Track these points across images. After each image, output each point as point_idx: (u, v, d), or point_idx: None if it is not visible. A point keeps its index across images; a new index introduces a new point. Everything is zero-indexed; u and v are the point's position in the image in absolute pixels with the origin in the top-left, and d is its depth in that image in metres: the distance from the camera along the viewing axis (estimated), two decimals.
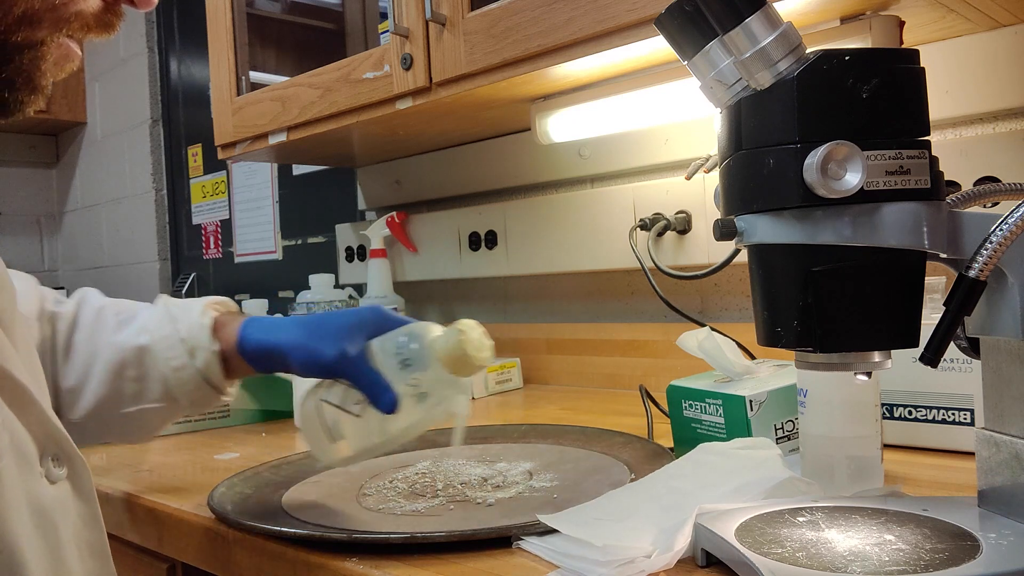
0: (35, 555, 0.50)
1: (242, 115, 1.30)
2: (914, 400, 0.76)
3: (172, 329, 0.70)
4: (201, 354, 0.70)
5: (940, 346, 0.47)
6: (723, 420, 0.75)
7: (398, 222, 1.53)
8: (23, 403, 0.52)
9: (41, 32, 0.49)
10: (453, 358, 0.63)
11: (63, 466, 0.55)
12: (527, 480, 0.74)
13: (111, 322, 0.72)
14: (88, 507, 0.57)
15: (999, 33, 0.88)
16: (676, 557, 0.51)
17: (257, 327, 0.71)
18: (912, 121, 0.47)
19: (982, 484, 0.52)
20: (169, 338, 0.70)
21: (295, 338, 0.68)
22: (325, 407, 0.67)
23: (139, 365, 0.70)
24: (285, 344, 0.69)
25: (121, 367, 0.70)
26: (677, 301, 1.12)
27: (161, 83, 2.36)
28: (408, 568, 0.55)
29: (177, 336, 0.70)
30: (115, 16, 0.53)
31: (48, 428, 0.54)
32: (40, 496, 0.52)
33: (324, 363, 0.66)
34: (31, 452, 0.52)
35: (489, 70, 0.97)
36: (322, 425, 0.67)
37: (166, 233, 2.38)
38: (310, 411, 0.68)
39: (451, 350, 0.63)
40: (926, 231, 0.47)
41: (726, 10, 0.47)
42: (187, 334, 0.70)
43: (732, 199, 0.52)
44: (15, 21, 0.48)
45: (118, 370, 0.70)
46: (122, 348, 0.70)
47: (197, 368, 0.70)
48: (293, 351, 0.68)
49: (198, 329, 0.70)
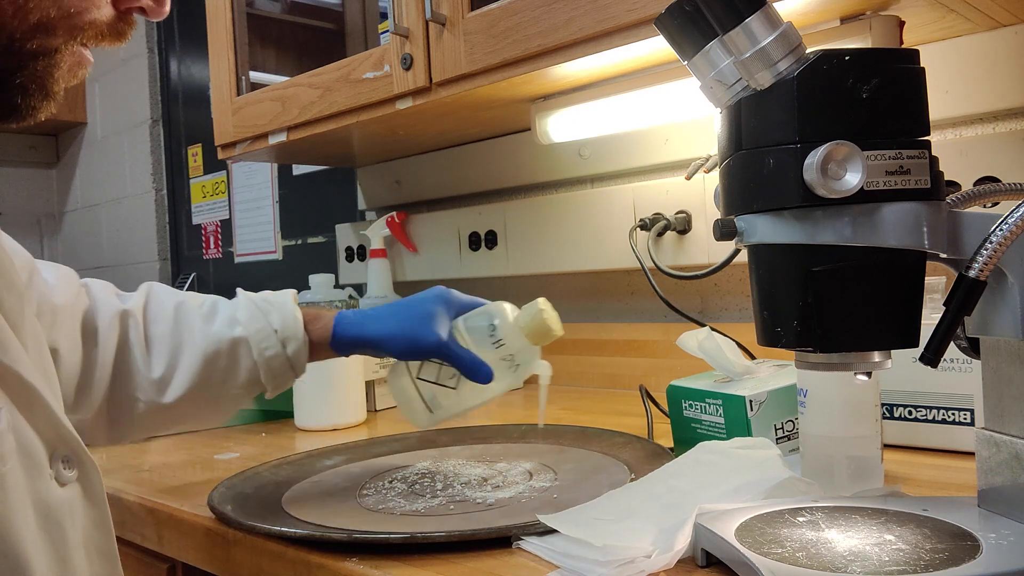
0: (41, 559, 0.50)
1: (242, 115, 1.30)
2: (914, 400, 0.76)
3: (265, 322, 0.76)
4: (293, 344, 0.76)
5: (940, 346, 0.47)
6: (723, 420, 0.75)
7: (398, 222, 1.53)
8: (32, 404, 0.52)
9: (56, 40, 0.50)
10: (536, 331, 0.74)
11: (73, 468, 0.55)
12: (527, 480, 0.74)
13: (196, 315, 0.77)
14: (98, 510, 0.57)
15: (999, 33, 0.88)
16: (676, 557, 0.51)
17: (349, 323, 0.78)
18: (912, 121, 0.47)
19: (982, 484, 0.52)
20: (264, 330, 0.76)
21: (391, 329, 0.76)
22: (421, 384, 0.76)
23: (231, 355, 0.75)
24: (383, 336, 0.76)
25: (215, 357, 0.74)
26: (677, 301, 1.12)
27: (161, 83, 2.36)
28: (408, 568, 0.55)
29: (271, 328, 0.76)
30: (127, 24, 0.54)
31: (59, 430, 0.54)
32: (48, 498, 0.52)
33: (425, 348, 0.73)
34: (40, 454, 0.52)
35: (489, 70, 0.97)
36: (421, 399, 0.76)
37: (166, 233, 2.38)
38: (407, 389, 0.77)
39: (535, 325, 0.74)
40: (926, 231, 0.47)
41: (726, 10, 0.47)
42: (280, 326, 0.76)
43: (732, 199, 0.52)
44: (31, 28, 0.49)
45: (211, 359, 0.74)
46: (217, 340, 0.75)
47: (287, 356, 0.76)
48: (392, 341, 0.75)
49: (292, 321, 0.76)
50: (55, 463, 0.53)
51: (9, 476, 0.49)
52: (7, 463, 0.48)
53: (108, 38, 0.53)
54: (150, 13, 0.55)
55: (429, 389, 0.76)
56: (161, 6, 0.55)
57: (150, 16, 0.55)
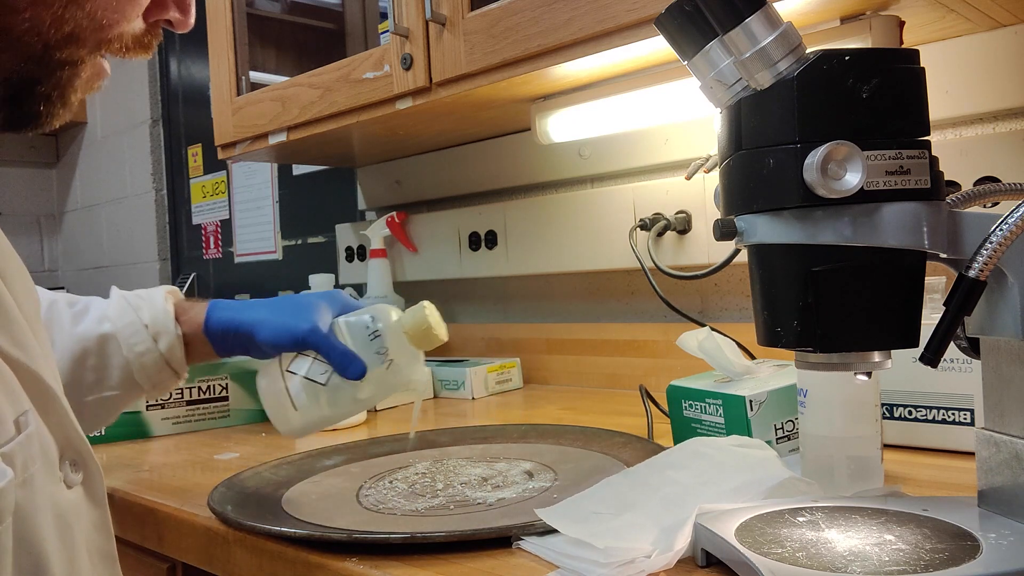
0: (57, 559, 0.50)
1: (242, 115, 1.31)
2: (914, 400, 0.76)
3: (135, 317, 0.73)
4: (165, 338, 0.73)
5: (940, 346, 0.47)
6: (723, 420, 0.75)
7: (398, 222, 1.53)
8: (48, 406, 0.52)
9: (83, 50, 0.51)
10: (418, 332, 0.72)
11: (79, 471, 0.55)
12: (527, 480, 0.74)
13: (66, 314, 0.74)
14: (100, 513, 0.57)
15: (999, 33, 0.88)
16: (676, 557, 0.51)
17: (223, 308, 0.75)
18: (912, 121, 0.47)
19: (982, 484, 0.52)
20: (132, 324, 0.73)
21: (263, 315, 0.73)
22: (289, 377, 0.72)
23: (100, 353, 0.72)
24: (253, 321, 0.73)
25: (83, 356, 0.72)
26: (677, 301, 1.12)
27: (161, 83, 2.36)
28: (408, 568, 0.55)
29: (140, 323, 0.73)
30: (154, 37, 0.55)
31: (68, 432, 0.54)
32: (60, 500, 0.52)
33: (297, 334, 0.70)
34: (53, 456, 0.52)
35: (489, 70, 0.97)
36: (287, 394, 0.71)
37: (166, 233, 2.38)
38: (274, 381, 0.72)
39: (416, 325, 0.72)
40: (926, 231, 0.47)
41: (726, 10, 0.47)
42: (150, 320, 0.73)
43: (732, 199, 0.52)
44: (64, 38, 0.49)
45: (79, 359, 0.72)
46: (83, 338, 0.72)
47: (160, 352, 0.73)
48: (261, 326, 0.72)
49: (162, 315, 0.74)
50: (64, 465, 0.54)
51: (36, 477, 0.49)
52: (35, 463, 0.49)
53: (135, 50, 0.54)
54: (177, 26, 0.55)
55: (297, 383, 0.71)
56: (187, 17, 0.56)
57: (177, 28, 0.55)
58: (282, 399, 0.71)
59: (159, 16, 0.54)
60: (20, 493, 0.47)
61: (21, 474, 0.47)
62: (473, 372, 1.26)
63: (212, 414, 1.13)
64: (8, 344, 0.49)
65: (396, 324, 0.73)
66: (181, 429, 1.10)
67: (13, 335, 0.50)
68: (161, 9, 0.54)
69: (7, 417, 0.47)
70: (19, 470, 0.46)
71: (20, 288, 0.55)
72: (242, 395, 1.15)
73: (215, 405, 1.13)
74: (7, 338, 0.49)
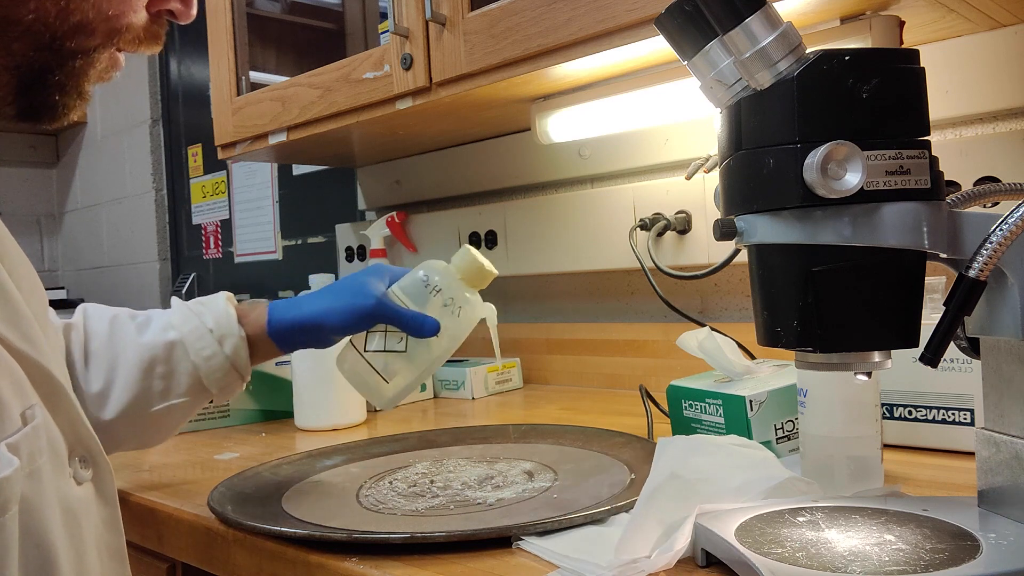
0: (65, 554, 0.50)
1: (242, 115, 1.30)
2: (914, 400, 0.76)
3: (199, 322, 0.74)
4: (230, 341, 0.74)
5: (940, 346, 0.47)
6: (723, 420, 0.75)
7: (398, 222, 1.53)
8: (57, 402, 0.52)
9: (94, 40, 0.53)
10: (471, 272, 0.76)
11: (89, 467, 0.55)
12: (527, 480, 0.74)
13: (129, 326, 0.74)
14: (110, 510, 0.57)
15: (999, 33, 0.88)
16: (676, 557, 0.51)
17: (282, 307, 0.76)
18: (912, 121, 0.47)
19: (982, 484, 0.52)
20: (197, 330, 0.73)
21: (324, 304, 0.74)
22: (371, 356, 0.75)
23: (168, 361, 0.73)
24: (317, 312, 0.74)
25: (151, 365, 0.72)
26: (677, 301, 1.12)
27: (161, 83, 2.36)
28: (408, 568, 0.55)
29: (205, 327, 0.73)
30: (160, 27, 0.57)
31: (78, 429, 0.54)
32: (68, 496, 0.52)
33: (365, 312, 0.73)
34: (62, 452, 0.53)
35: (489, 70, 0.97)
36: (374, 372, 0.75)
37: (166, 233, 2.38)
38: (358, 368, 0.75)
39: (469, 266, 0.76)
40: (926, 231, 0.47)
41: (726, 10, 0.47)
42: (214, 324, 0.74)
43: (732, 199, 0.52)
44: (71, 28, 0.51)
45: (147, 368, 0.72)
46: (151, 347, 0.73)
47: (226, 355, 0.74)
48: (328, 315, 0.74)
49: (225, 318, 0.74)
50: (73, 462, 0.54)
51: (43, 470, 0.49)
52: (42, 456, 0.49)
53: (145, 42, 0.56)
54: (179, 16, 0.57)
55: (380, 359, 0.75)
56: (189, 8, 0.57)
57: (179, 19, 0.57)
58: (371, 378, 0.75)
59: (161, 5, 0.56)
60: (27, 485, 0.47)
61: (27, 465, 0.47)
62: (473, 372, 1.26)
63: (212, 414, 1.13)
64: (16, 338, 0.49)
65: (450, 272, 0.75)
66: (182, 429, 1.10)
67: (21, 329, 0.50)
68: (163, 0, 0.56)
69: (13, 409, 0.47)
70: (25, 461, 0.47)
71: (27, 285, 0.55)
72: (242, 395, 1.15)
73: (215, 405, 1.13)
74: (15, 332, 0.50)
